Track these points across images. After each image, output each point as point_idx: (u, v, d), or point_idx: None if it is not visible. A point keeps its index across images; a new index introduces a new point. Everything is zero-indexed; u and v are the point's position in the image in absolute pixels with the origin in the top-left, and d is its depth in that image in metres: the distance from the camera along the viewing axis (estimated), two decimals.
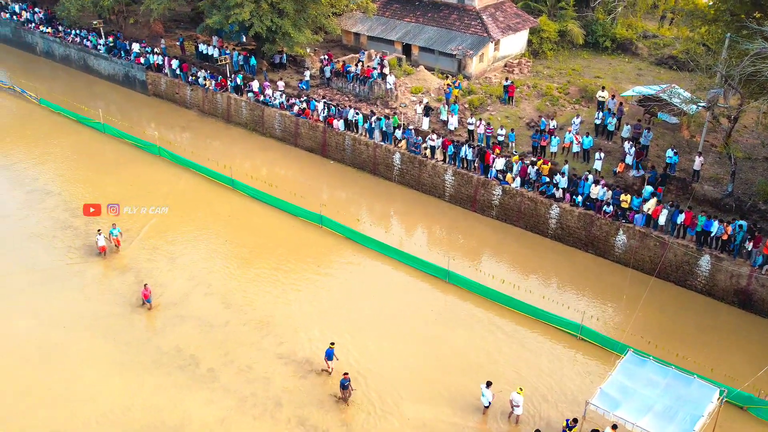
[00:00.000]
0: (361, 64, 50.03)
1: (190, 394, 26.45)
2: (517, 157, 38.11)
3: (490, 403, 25.24)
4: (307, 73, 50.67)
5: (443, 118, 43.44)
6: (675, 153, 36.41)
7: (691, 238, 32.30)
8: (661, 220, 32.59)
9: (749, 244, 30.62)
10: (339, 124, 43.80)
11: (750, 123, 41.04)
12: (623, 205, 33.62)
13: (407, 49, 53.25)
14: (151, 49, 56.46)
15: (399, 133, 41.44)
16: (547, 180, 36.08)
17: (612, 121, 40.33)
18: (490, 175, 37.82)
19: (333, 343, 26.92)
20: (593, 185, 34.69)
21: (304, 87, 49.28)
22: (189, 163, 43.47)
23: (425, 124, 42.98)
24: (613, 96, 42.58)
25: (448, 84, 46.70)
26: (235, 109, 49.98)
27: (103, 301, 31.64)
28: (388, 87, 46.26)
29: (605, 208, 34.07)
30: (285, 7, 47.59)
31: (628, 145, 37.59)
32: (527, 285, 32.73)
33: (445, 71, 50.74)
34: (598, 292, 32.71)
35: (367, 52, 52.53)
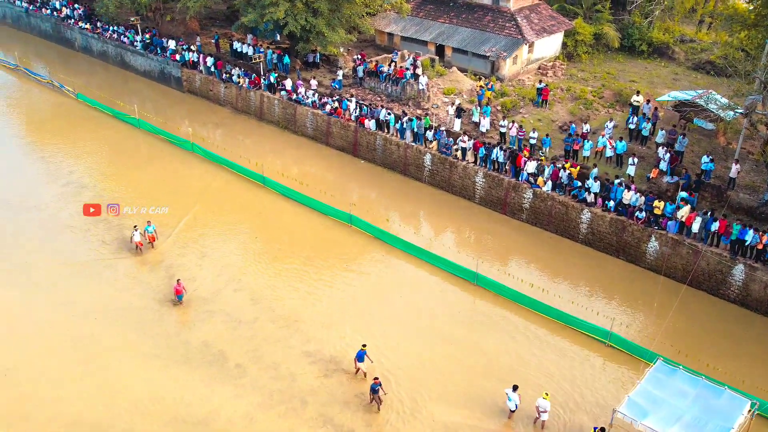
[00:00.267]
0: (393, 64, 50.08)
1: (218, 388, 26.72)
2: (544, 158, 37.83)
3: (517, 407, 25.10)
4: (340, 73, 50.87)
5: (475, 119, 43.30)
6: (711, 160, 35.83)
7: (725, 247, 31.80)
8: (695, 227, 32.12)
9: None
10: (370, 123, 43.89)
11: None
12: (656, 211, 33.22)
13: (440, 50, 53.17)
14: (186, 46, 57.10)
15: (430, 134, 41.40)
16: (579, 184, 35.77)
17: (646, 126, 39.83)
18: (521, 178, 37.61)
19: (365, 345, 26.86)
20: (626, 190, 34.31)
21: (337, 86, 49.47)
22: (221, 159, 43.90)
23: (457, 125, 42.88)
24: (648, 101, 42.07)
25: (481, 86, 46.53)
26: (267, 107, 50.34)
27: (134, 294, 32.09)
28: (421, 88, 46.23)
29: (637, 214, 33.68)
30: (319, 6, 47.79)
31: (662, 151, 37.11)
32: (556, 289, 32.49)
33: (478, 73, 50.58)
34: (628, 299, 32.35)
35: (400, 53, 52.55)
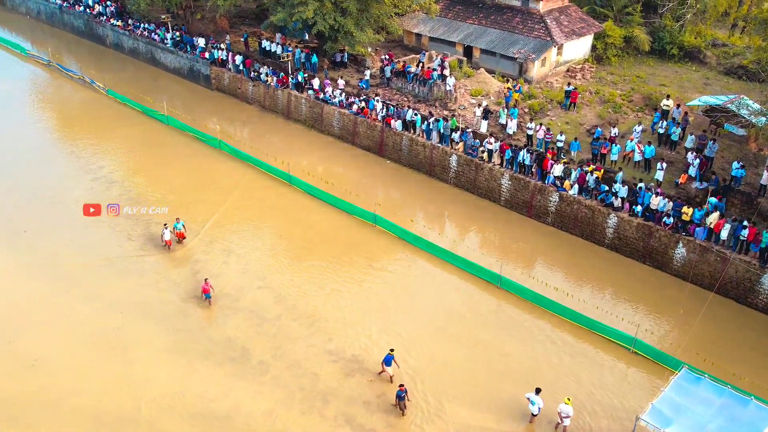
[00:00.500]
0: (421, 64, 50.03)
1: (240, 385, 26.92)
2: (571, 162, 37.55)
3: (540, 410, 24.95)
4: (368, 73, 50.94)
5: (502, 121, 43.11)
6: (741, 166, 35.29)
7: (754, 255, 31.31)
8: (723, 234, 31.70)
9: None
10: (397, 124, 43.90)
11: None
12: (684, 217, 32.82)
13: (468, 51, 53.03)
14: (216, 44, 57.57)
15: (456, 135, 41.31)
16: (606, 188, 35.46)
17: (676, 131, 39.35)
18: (547, 181, 37.38)
19: (392, 350, 26.79)
20: (654, 196, 33.95)
21: (364, 86, 49.56)
22: (248, 157, 44.20)
23: (483, 127, 42.73)
24: (678, 105, 41.59)
25: (509, 87, 46.35)
26: (295, 106, 50.57)
27: (160, 289, 32.43)
28: (448, 89, 46.15)
29: (665, 219, 33.31)
30: (348, 6, 47.94)
31: (691, 156, 36.65)
32: (581, 294, 32.24)
33: (505, 74, 50.36)
34: (654, 305, 31.97)
35: (427, 53, 52.48)
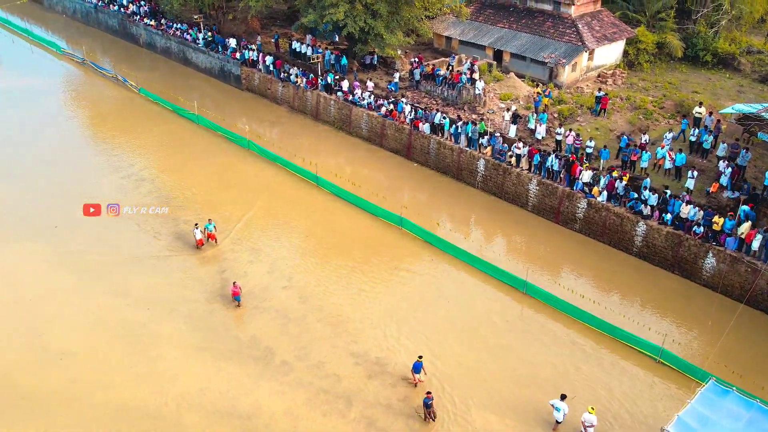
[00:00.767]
0: (450, 68, 49.94)
1: (263, 384, 27.09)
2: (601, 168, 37.21)
3: (564, 417, 24.73)
4: (397, 75, 50.98)
5: (531, 126, 42.87)
6: None
7: None
8: (755, 245, 31.17)
9: None
10: (425, 127, 43.86)
11: None
12: (714, 227, 32.33)
13: (498, 54, 52.81)
14: (247, 45, 58.01)
15: (485, 139, 41.15)
16: (636, 196, 35.08)
17: (708, 139, 38.82)
18: (575, 188, 37.09)
19: (421, 357, 26.77)
20: (684, 204, 33.51)
21: (393, 89, 49.60)
22: (276, 157, 44.48)
23: (512, 131, 42.52)
24: (711, 113, 41.01)
25: (539, 92, 46.08)
26: (324, 108, 50.77)
27: (186, 287, 32.76)
28: (477, 92, 46.00)
29: (695, 228, 32.87)
30: (379, 8, 48.04)
31: (723, 165, 36.13)
32: (607, 302, 31.94)
33: (535, 79, 50.08)
34: (681, 315, 31.55)
35: (457, 57, 52.38)
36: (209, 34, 60.57)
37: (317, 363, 28.15)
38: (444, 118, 43.33)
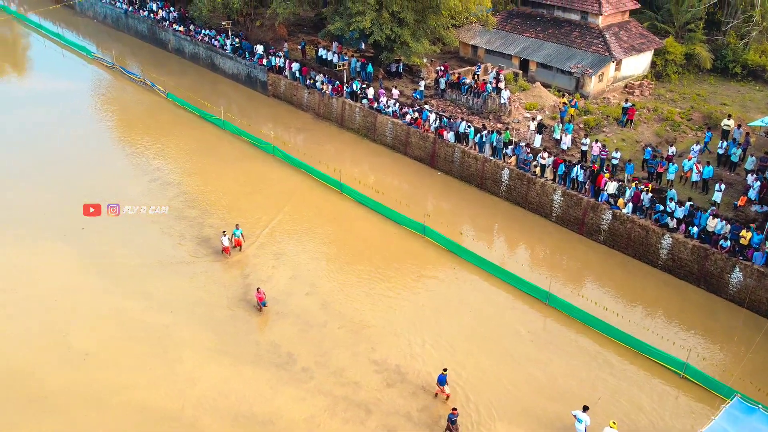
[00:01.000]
0: (476, 77, 49.89)
1: (283, 390, 27.14)
2: (626, 179, 36.90)
3: (586, 429, 24.48)
4: (422, 83, 51.05)
5: (556, 136, 42.68)
6: None
7: None
8: None
9: None
10: (450, 135, 43.83)
11: None
12: (742, 241, 31.88)
13: (525, 64, 52.68)
14: (274, 51, 58.44)
15: (509, 149, 41.02)
16: (662, 208, 34.73)
17: (736, 152, 38.37)
18: (600, 199, 36.81)
19: (446, 369, 26.58)
20: (711, 218, 33.10)
21: (418, 97, 49.65)
22: (301, 164, 44.68)
23: (537, 141, 42.34)
24: (740, 125, 40.54)
25: (564, 102, 45.88)
26: (349, 115, 50.95)
27: (209, 291, 32.97)
28: (502, 102, 45.90)
29: (722, 242, 32.44)
30: (405, 17, 48.17)
31: (751, 178, 35.67)
32: (631, 315, 31.60)
33: (561, 89, 49.86)
34: (706, 330, 31.12)
35: (483, 66, 52.33)
36: (237, 40, 61.14)
37: (337, 370, 28.16)
38: (469, 126, 43.27)
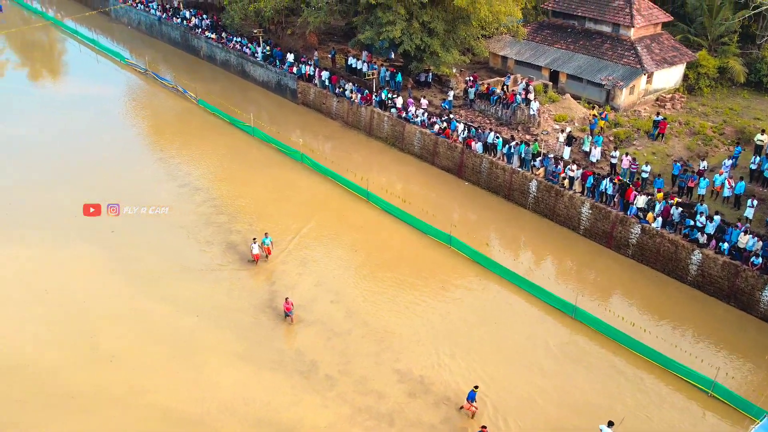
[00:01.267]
0: (505, 87, 49.75)
1: (306, 397, 27.22)
2: (656, 193, 36.49)
3: None
4: (451, 93, 51.03)
5: (585, 148, 42.36)
6: None
7: None
8: None
9: None
10: (478, 146, 43.73)
11: None
12: None
13: (555, 75, 52.42)
14: (304, 59, 58.84)
15: (538, 160, 40.80)
16: (692, 223, 34.27)
17: None
18: (629, 212, 36.43)
19: (477, 387, 26.42)
20: (742, 234, 32.58)
21: (447, 107, 49.62)
22: (328, 171, 44.88)
23: (566, 153, 42.07)
24: None
25: (594, 114, 45.54)
26: (377, 123, 51.08)
27: (235, 297, 33.21)
28: (532, 113, 45.69)
29: (753, 259, 31.91)
30: (436, 27, 48.23)
31: None
32: (658, 331, 31.17)
33: (592, 101, 49.50)
34: (736, 348, 30.58)
35: (512, 76, 52.17)
36: (268, 48, 61.68)
37: (360, 379, 28.15)
38: (497, 137, 43.14)
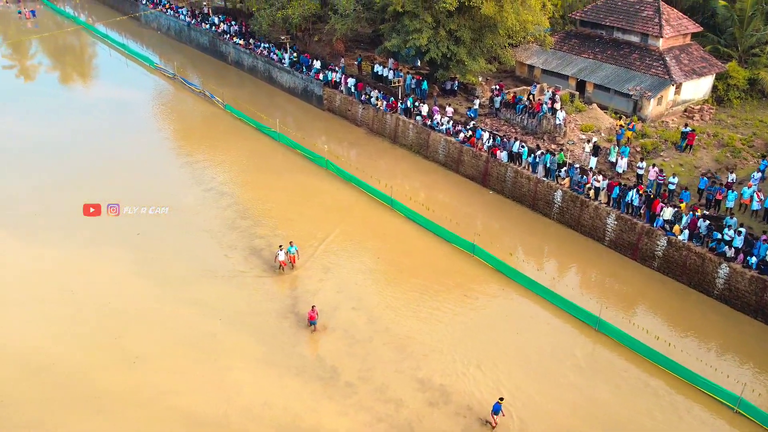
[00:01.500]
0: (532, 96, 49.55)
1: (326, 404, 27.20)
2: (684, 205, 36.07)
3: None
4: (477, 102, 50.93)
5: (612, 159, 42.03)
6: None
7: None
8: None
9: None
10: (503, 155, 43.57)
11: None
12: None
13: (581, 85, 52.11)
14: (331, 66, 59.11)
15: (563, 170, 40.55)
16: (719, 237, 33.82)
17: None
18: (656, 224, 36.05)
19: (502, 399, 26.11)
20: None
21: (472, 115, 49.52)
22: (353, 178, 44.96)
23: (592, 163, 41.77)
24: None
25: (621, 125, 45.19)
26: (402, 131, 51.12)
27: (258, 301, 33.32)
28: (558, 122, 45.44)
29: None
30: (462, 35, 48.22)
31: None
32: (683, 345, 30.74)
33: (619, 111, 49.13)
34: (763, 364, 30.05)
35: (539, 86, 51.97)
36: (295, 54, 62.07)
37: (381, 386, 28.09)
38: (522, 146, 42.95)
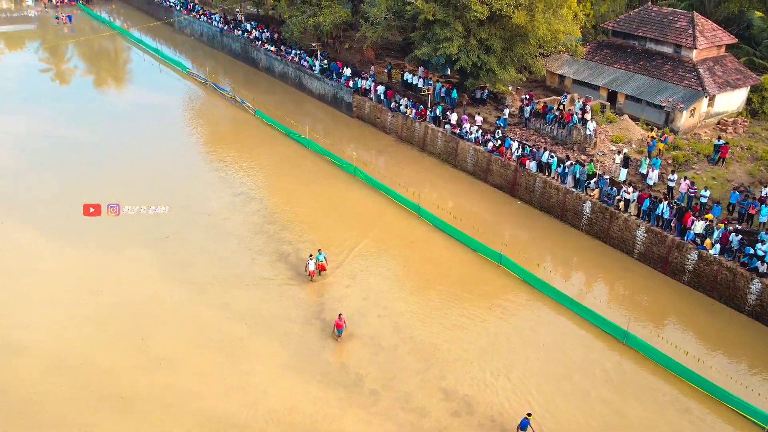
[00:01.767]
0: (562, 106, 49.24)
1: (350, 411, 27.21)
2: (715, 219, 35.54)
3: None
4: (506, 111, 50.75)
5: (642, 171, 41.58)
6: None
7: None
8: None
9: None
10: (532, 165, 43.35)
11: None
12: None
13: (612, 96, 51.67)
14: (361, 73, 59.33)
15: (593, 181, 40.21)
16: (752, 251, 33.27)
17: None
18: (686, 238, 35.57)
19: (530, 414, 25.87)
20: None
21: (502, 124, 49.33)
22: (380, 185, 45.03)
23: (622, 175, 41.35)
24: None
25: (653, 136, 44.71)
26: (431, 139, 51.11)
27: (285, 307, 33.46)
28: (588, 133, 45.09)
29: None
30: (493, 44, 48.12)
31: None
32: (713, 361, 30.28)
33: (650, 123, 48.61)
34: None
35: (569, 96, 51.63)
36: (325, 61, 62.42)
37: (404, 395, 28.04)
38: (552, 156, 42.69)
